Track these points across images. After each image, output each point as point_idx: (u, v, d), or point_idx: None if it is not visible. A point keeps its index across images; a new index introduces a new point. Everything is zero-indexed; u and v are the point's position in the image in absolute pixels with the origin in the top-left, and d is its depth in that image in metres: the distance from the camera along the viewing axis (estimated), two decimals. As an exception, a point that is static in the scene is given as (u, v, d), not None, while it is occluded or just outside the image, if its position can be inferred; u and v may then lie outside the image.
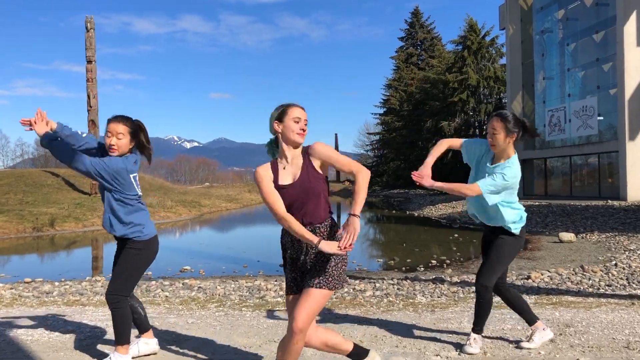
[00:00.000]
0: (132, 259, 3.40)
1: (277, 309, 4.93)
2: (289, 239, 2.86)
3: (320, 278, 2.75)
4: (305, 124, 2.85)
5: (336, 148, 67.67)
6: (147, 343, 3.65)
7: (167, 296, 5.88)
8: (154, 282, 7.53)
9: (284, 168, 2.83)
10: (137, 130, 3.45)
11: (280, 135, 2.84)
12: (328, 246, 2.67)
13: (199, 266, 10.71)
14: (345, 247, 2.65)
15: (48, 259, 14.85)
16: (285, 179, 2.81)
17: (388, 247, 14.30)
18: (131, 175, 3.40)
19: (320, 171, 2.84)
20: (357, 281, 7.19)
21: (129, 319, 3.35)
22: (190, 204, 29.73)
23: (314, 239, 2.69)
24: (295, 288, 2.87)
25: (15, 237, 17.91)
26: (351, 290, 6.40)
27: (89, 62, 27.90)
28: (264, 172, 2.83)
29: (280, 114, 2.84)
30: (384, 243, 15.94)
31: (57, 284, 7.76)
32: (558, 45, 28.39)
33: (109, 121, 3.40)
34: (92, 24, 28.32)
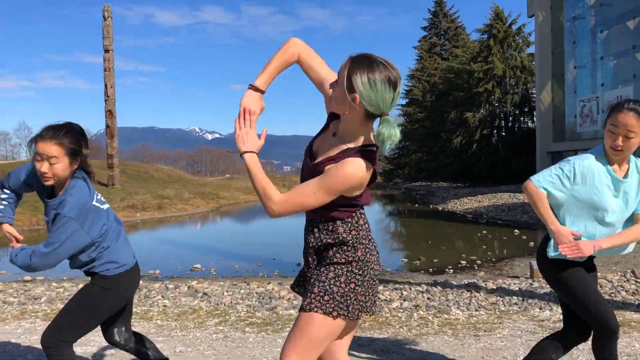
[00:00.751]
0: (93, 299, 2.53)
1: (288, 330, 4.12)
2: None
3: (313, 296, 1.95)
4: None
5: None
6: None
7: (165, 306, 5.17)
8: (157, 285, 6.84)
9: None
10: (78, 147, 2.46)
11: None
12: None
13: (210, 264, 10.06)
14: None
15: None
16: None
17: (412, 245, 13.50)
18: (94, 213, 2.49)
19: None
20: (381, 287, 6.43)
21: None
22: (208, 196, 29.19)
23: None
24: None
25: (29, 230, 17.50)
26: (375, 299, 5.63)
27: (107, 51, 27.43)
28: None
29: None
30: (408, 240, 15.13)
31: (54, 284, 7.14)
32: (590, 33, 27.11)
33: (37, 139, 2.40)
34: (110, 12, 27.84)
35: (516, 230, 14.18)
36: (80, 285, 6.91)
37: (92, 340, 3.94)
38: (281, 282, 7.27)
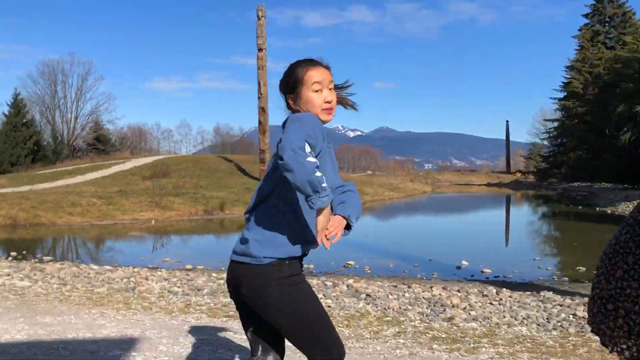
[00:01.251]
0: None
1: (485, 356, 3.37)
2: None
3: None
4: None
5: (507, 137, 63.36)
6: None
7: (329, 306, 4.81)
8: (314, 281, 6.58)
9: None
10: None
11: None
12: None
13: (363, 261, 9.69)
14: None
15: (215, 243, 14.97)
16: None
17: (570, 249, 12.01)
18: None
19: None
20: (549, 293, 5.55)
21: None
22: (353, 192, 29.21)
23: None
24: None
25: (188, 220, 18.55)
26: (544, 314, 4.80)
27: (260, 50, 28.41)
28: None
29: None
30: (565, 244, 13.59)
31: (214, 275, 7.17)
32: None
33: (309, 66, 1.92)
34: (263, 12, 28.81)
35: None
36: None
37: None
38: (445, 286, 6.66)
